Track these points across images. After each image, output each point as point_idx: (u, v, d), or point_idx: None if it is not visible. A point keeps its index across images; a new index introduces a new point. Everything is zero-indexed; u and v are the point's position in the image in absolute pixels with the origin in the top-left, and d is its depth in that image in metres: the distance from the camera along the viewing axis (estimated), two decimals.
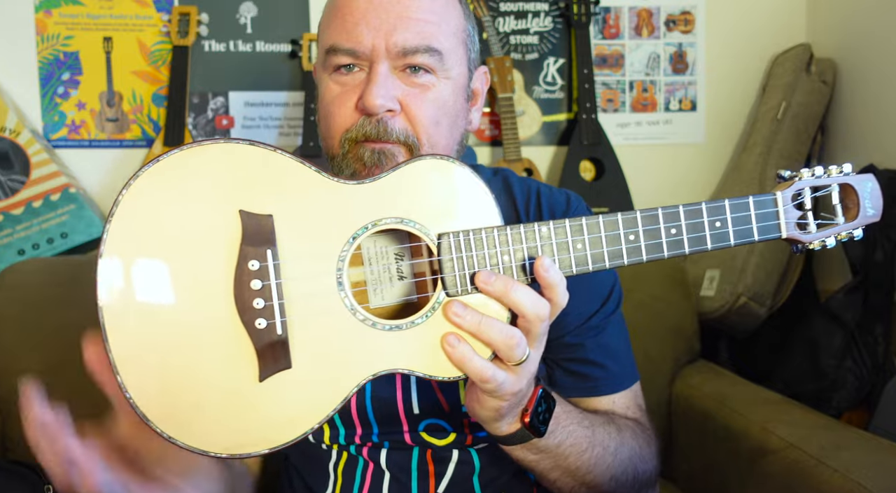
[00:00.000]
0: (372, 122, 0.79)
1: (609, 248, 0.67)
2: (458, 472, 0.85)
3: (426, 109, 0.81)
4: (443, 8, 0.82)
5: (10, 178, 1.62)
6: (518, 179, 0.96)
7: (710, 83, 1.92)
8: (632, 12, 1.89)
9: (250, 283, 0.62)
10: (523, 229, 0.66)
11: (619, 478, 0.82)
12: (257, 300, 0.62)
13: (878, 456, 1.00)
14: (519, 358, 0.64)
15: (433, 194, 0.66)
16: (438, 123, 0.82)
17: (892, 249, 1.47)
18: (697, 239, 0.69)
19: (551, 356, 0.89)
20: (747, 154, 1.79)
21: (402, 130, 0.80)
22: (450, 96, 0.83)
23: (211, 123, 1.80)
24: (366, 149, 0.80)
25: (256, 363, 0.62)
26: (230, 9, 1.79)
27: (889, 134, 1.60)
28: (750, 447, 1.16)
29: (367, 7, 0.79)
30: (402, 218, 0.65)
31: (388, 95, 0.78)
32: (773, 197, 0.70)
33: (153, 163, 0.63)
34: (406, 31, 0.79)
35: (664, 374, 1.50)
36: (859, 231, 0.71)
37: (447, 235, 0.65)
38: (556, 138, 1.89)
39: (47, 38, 1.74)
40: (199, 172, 0.63)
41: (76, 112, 1.75)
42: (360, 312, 0.64)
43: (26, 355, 1.43)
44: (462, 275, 0.65)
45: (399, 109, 0.80)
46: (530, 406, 0.71)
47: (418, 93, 0.81)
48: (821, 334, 1.52)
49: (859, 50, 1.71)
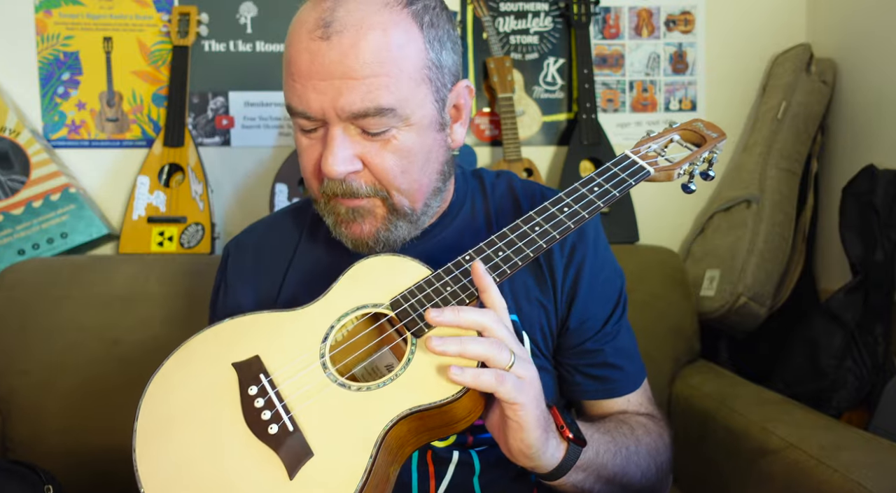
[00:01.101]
0: (337, 182, 0.80)
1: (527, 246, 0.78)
2: (458, 473, 0.85)
3: (388, 163, 0.80)
4: (394, 52, 0.76)
5: (10, 178, 1.62)
6: (522, 183, 0.97)
7: (710, 83, 1.92)
8: (632, 12, 1.89)
9: (254, 403, 0.71)
10: (451, 265, 0.78)
11: (645, 473, 0.85)
12: (264, 413, 0.71)
13: (878, 456, 1.00)
14: (508, 361, 0.69)
15: (373, 281, 0.79)
16: (405, 170, 0.81)
17: (893, 249, 1.47)
18: (587, 204, 0.81)
19: (572, 363, 0.92)
20: (747, 154, 1.79)
21: (369, 185, 0.81)
22: (415, 141, 0.80)
23: (211, 123, 1.80)
24: (340, 205, 0.82)
25: (283, 466, 0.67)
26: (230, 9, 1.79)
27: (889, 134, 1.60)
28: (750, 447, 1.16)
29: (310, 69, 0.76)
30: (356, 307, 0.77)
31: (345, 159, 0.78)
32: (625, 155, 0.85)
33: (166, 361, 0.77)
34: (350, 93, 0.75)
35: (664, 374, 1.50)
36: (713, 155, 0.86)
37: (396, 297, 0.77)
38: (556, 138, 1.88)
39: (47, 38, 1.74)
40: (198, 353, 0.77)
41: (76, 112, 1.75)
42: (352, 384, 0.72)
43: (26, 355, 1.43)
44: (419, 315, 0.74)
45: (361, 167, 0.79)
46: (562, 422, 0.75)
47: (378, 148, 0.79)
48: (821, 334, 1.52)
49: (859, 50, 1.71)
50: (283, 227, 0.99)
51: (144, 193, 1.68)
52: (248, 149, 1.81)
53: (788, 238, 1.68)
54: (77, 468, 1.36)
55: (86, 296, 1.47)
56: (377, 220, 0.83)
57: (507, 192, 0.95)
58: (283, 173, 1.71)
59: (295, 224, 0.99)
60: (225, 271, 0.98)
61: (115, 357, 1.41)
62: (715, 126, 0.89)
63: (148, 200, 1.68)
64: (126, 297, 1.46)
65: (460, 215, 0.93)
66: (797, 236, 1.74)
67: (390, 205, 0.82)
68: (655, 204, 1.85)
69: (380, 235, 0.84)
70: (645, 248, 1.68)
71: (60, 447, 1.39)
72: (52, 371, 1.42)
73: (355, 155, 0.78)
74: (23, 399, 1.41)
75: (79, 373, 1.42)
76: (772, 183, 1.70)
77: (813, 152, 1.77)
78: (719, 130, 0.88)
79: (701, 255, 1.77)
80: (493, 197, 0.95)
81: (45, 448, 1.39)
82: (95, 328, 1.44)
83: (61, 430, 1.40)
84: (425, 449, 0.85)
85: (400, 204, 0.82)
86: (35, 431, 1.40)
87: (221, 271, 0.99)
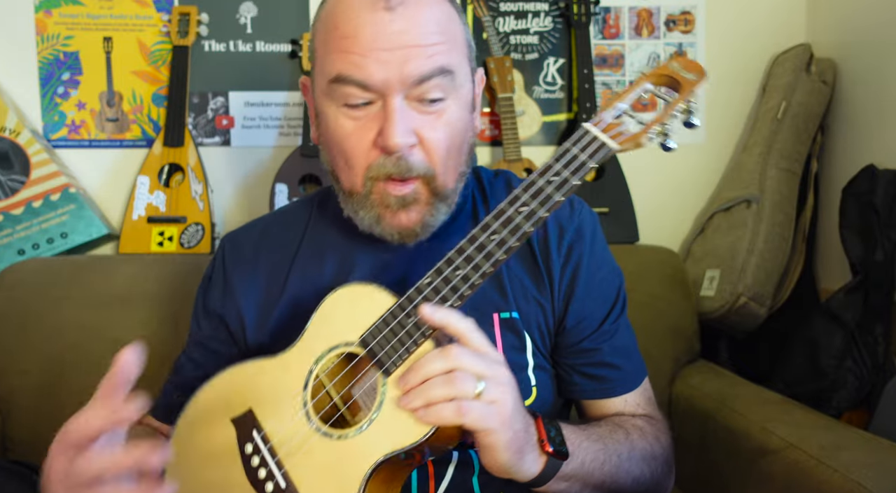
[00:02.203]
0: (392, 160, 0.78)
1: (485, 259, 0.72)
2: (457, 473, 0.85)
3: (442, 137, 0.80)
4: (448, 24, 0.81)
5: (10, 178, 1.62)
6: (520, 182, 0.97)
7: (710, 83, 1.91)
8: (632, 12, 1.89)
9: (251, 461, 0.76)
10: (414, 290, 0.74)
11: (638, 479, 0.85)
12: (260, 471, 0.75)
13: (878, 456, 1.00)
14: (472, 391, 0.67)
15: (343, 316, 0.78)
16: (451, 147, 0.82)
17: (893, 249, 1.47)
18: (545, 199, 0.71)
19: (569, 362, 0.91)
20: (747, 154, 1.79)
21: (420, 163, 0.80)
22: (460, 116, 0.82)
23: (211, 123, 1.80)
24: (389, 195, 0.81)
25: None
26: (230, 9, 1.79)
27: (889, 134, 1.60)
28: (750, 447, 1.16)
29: (375, 39, 0.76)
30: (329, 349, 0.77)
31: (407, 130, 0.77)
32: (583, 129, 0.73)
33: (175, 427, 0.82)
34: (416, 60, 0.76)
35: (664, 374, 1.50)
36: (690, 103, 0.72)
37: (365, 334, 0.75)
38: (557, 138, 1.88)
39: (47, 38, 1.74)
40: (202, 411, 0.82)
41: (76, 112, 1.75)
42: (333, 433, 0.74)
43: (26, 355, 1.43)
44: (386, 353, 0.73)
45: (417, 142, 0.79)
46: (544, 436, 0.74)
47: (433, 120, 0.80)
48: (821, 334, 1.52)
49: (859, 50, 1.71)
50: (286, 221, 0.99)
51: (144, 193, 1.68)
52: (248, 149, 1.81)
53: (788, 238, 1.68)
54: None
55: (86, 296, 1.46)
56: (422, 206, 0.83)
57: (504, 190, 0.95)
58: (283, 173, 1.71)
59: (297, 218, 0.98)
60: (223, 267, 0.97)
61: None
62: (693, 64, 0.75)
63: (148, 200, 1.68)
64: (126, 297, 1.46)
65: (463, 213, 0.93)
66: (797, 236, 1.74)
67: (433, 188, 0.82)
68: (655, 204, 1.85)
69: (426, 221, 0.83)
70: (645, 248, 1.68)
71: None
72: (52, 371, 1.42)
73: (413, 129, 0.79)
74: (23, 399, 1.41)
75: (79, 373, 1.42)
76: (772, 183, 1.70)
77: (813, 152, 1.77)
78: (698, 69, 0.75)
79: (701, 255, 1.77)
80: (493, 196, 0.95)
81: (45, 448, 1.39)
82: (95, 328, 1.44)
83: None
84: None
85: (443, 185, 0.83)
86: (35, 431, 1.40)
87: (217, 266, 0.98)
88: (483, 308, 0.86)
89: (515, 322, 0.88)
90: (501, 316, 0.88)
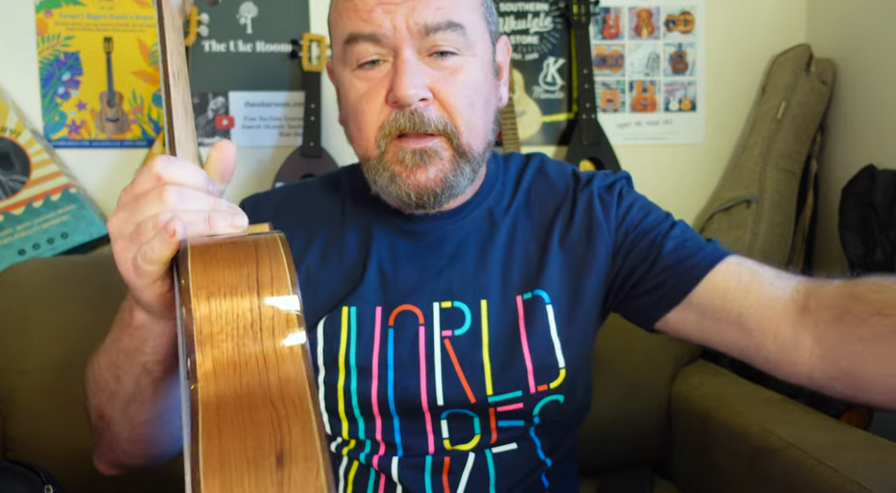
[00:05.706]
0: (405, 114, 0.76)
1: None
2: (472, 481, 0.82)
3: (459, 93, 0.78)
4: None
5: (10, 178, 1.62)
6: (555, 164, 0.95)
7: (710, 83, 1.92)
8: (631, 12, 1.89)
9: None
10: None
11: None
12: None
13: (878, 456, 1.00)
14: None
15: None
16: (473, 104, 0.79)
17: (893, 249, 1.47)
18: None
19: (634, 280, 0.86)
20: (747, 154, 1.79)
21: (438, 118, 0.77)
22: (479, 75, 0.80)
23: (211, 123, 1.80)
24: (405, 151, 0.77)
25: None
26: (230, 9, 1.79)
27: (889, 134, 1.60)
28: (750, 447, 1.16)
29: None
30: None
31: (418, 83, 0.75)
32: None
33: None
34: (426, 8, 0.76)
35: (664, 374, 1.50)
36: None
37: None
38: (557, 138, 1.89)
39: (47, 38, 1.74)
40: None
41: (76, 112, 1.75)
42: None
43: (26, 355, 1.43)
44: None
45: (431, 97, 0.77)
46: None
47: (448, 76, 0.78)
48: None
49: (859, 50, 1.71)
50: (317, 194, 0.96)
51: None
52: (248, 149, 1.81)
53: (788, 238, 1.68)
54: (77, 468, 1.36)
55: (86, 296, 1.46)
56: (444, 163, 0.78)
57: (538, 172, 0.93)
58: (283, 173, 1.71)
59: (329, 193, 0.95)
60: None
61: None
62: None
63: None
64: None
65: (492, 194, 0.91)
66: (797, 236, 1.74)
67: (457, 145, 0.79)
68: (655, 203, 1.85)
69: (448, 179, 0.79)
70: None
71: (60, 447, 1.39)
72: (52, 371, 1.42)
73: (426, 84, 0.77)
74: (23, 399, 1.41)
75: (79, 373, 1.42)
76: (771, 183, 1.70)
77: (812, 152, 1.77)
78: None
79: None
80: (526, 177, 0.93)
81: (45, 448, 1.39)
82: (96, 328, 1.43)
83: (61, 430, 1.40)
84: (442, 456, 0.81)
85: (467, 143, 0.79)
86: (35, 431, 1.40)
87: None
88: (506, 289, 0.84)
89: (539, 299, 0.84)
90: (524, 297, 0.85)
